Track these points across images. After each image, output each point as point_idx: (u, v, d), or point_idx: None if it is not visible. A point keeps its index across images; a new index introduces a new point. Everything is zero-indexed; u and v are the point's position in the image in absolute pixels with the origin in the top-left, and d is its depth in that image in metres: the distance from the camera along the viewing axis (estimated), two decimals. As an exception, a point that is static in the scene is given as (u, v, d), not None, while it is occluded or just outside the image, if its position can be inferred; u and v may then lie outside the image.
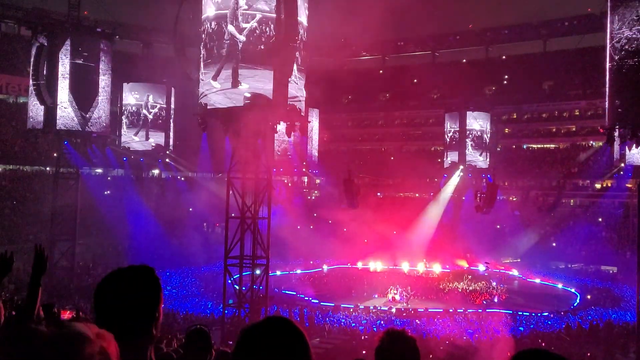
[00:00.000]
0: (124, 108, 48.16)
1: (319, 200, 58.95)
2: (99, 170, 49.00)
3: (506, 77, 64.82)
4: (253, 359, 1.83)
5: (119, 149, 48.63)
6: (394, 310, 34.23)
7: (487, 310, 34.40)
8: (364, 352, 22.74)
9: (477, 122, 51.66)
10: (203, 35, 25.30)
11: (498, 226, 51.06)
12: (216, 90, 24.92)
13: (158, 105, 48.85)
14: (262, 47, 24.23)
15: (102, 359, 1.70)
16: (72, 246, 38.70)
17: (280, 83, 24.50)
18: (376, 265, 45.98)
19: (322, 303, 35.84)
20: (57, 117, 36.05)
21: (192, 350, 4.52)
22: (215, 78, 24.81)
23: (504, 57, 67.72)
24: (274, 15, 24.18)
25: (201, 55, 25.56)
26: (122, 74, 44.77)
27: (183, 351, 4.70)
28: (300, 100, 26.27)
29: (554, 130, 61.70)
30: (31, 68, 37.13)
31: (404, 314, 33.05)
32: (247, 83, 24.60)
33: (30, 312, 4.01)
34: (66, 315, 20.20)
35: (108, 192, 48.76)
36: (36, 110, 36.97)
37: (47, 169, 45.75)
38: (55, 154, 40.00)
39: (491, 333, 27.87)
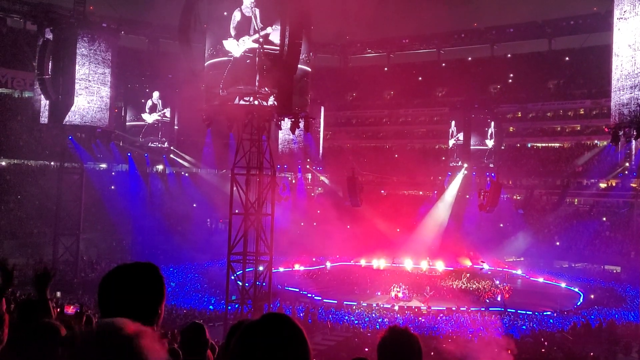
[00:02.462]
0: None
1: (323, 197, 58.95)
2: (103, 166, 49.10)
3: (511, 75, 64.57)
4: (252, 356, 1.82)
5: (124, 145, 48.76)
6: (396, 307, 34.26)
7: (490, 308, 34.40)
8: (366, 349, 22.75)
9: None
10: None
11: (501, 225, 50.99)
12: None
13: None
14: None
15: None
16: (76, 241, 38.86)
17: (285, 81, 24.51)
18: (379, 262, 45.96)
19: (325, 300, 35.88)
20: (62, 112, 36.15)
21: (189, 347, 4.53)
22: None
23: (509, 55, 67.48)
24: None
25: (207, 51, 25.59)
26: (127, 69, 44.83)
27: (180, 348, 4.68)
28: (304, 97, 26.28)
29: (558, 129, 61.47)
30: (36, 63, 37.23)
31: (407, 312, 33.05)
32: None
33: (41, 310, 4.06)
34: (70, 309, 20.28)
35: (112, 187, 48.85)
36: (41, 104, 37.07)
37: (52, 163, 45.86)
38: (59, 149, 40.09)
39: (492, 332, 27.83)
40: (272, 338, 1.81)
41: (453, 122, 54.01)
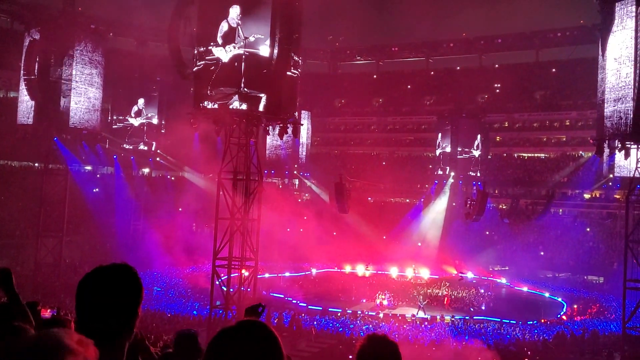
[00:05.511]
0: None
1: (310, 203, 58.88)
2: (89, 168, 48.68)
3: (499, 85, 65.16)
4: None
5: (110, 147, 48.31)
6: (381, 315, 34.24)
7: (474, 317, 34.50)
8: (350, 356, 22.69)
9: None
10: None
11: (487, 233, 51.24)
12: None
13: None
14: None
15: None
16: (59, 243, 38.41)
17: (274, 87, 24.56)
18: (364, 269, 45.96)
19: (310, 306, 35.77)
20: (48, 113, 35.80)
21: (182, 355, 4.65)
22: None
23: (496, 65, 68.10)
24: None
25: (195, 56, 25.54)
26: (115, 71, 44.49)
27: (175, 354, 4.82)
28: (293, 103, 26.31)
29: (544, 139, 62.10)
30: (23, 63, 36.85)
31: (392, 320, 33.04)
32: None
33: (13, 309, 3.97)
34: (46, 313, 19.91)
35: (97, 189, 48.42)
36: (26, 105, 36.70)
37: (36, 164, 45.32)
38: (44, 150, 39.67)
39: (476, 341, 27.89)
40: (245, 344, 1.78)
41: (440, 134, 53.74)
